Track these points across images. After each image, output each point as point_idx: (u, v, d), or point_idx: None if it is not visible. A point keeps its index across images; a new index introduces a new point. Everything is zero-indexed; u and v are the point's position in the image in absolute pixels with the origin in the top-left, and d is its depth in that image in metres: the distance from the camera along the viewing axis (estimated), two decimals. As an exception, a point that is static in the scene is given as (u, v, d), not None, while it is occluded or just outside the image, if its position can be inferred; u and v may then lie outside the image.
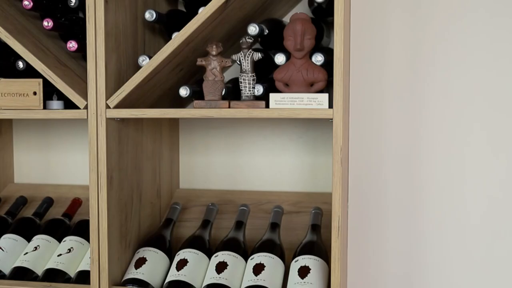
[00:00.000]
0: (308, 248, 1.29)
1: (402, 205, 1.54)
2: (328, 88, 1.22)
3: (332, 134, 1.42)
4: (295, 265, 1.25)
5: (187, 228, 1.51)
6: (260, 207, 1.53)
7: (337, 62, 1.13)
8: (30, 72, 1.37)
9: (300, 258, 1.26)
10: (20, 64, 1.39)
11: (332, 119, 1.13)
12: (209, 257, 1.33)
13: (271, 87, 1.28)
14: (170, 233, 1.43)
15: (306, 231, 1.38)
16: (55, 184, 1.72)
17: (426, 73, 1.51)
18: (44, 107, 1.30)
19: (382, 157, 1.54)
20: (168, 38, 1.39)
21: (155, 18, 1.31)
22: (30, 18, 1.45)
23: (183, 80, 1.41)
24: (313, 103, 1.16)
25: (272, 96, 1.18)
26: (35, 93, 1.27)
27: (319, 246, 1.31)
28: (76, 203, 1.57)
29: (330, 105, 1.15)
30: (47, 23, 1.32)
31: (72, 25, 1.42)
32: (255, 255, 1.29)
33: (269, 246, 1.31)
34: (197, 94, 1.29)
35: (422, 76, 1.51)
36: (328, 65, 1.25)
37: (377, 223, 1.55)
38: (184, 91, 1.26)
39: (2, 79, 1.29)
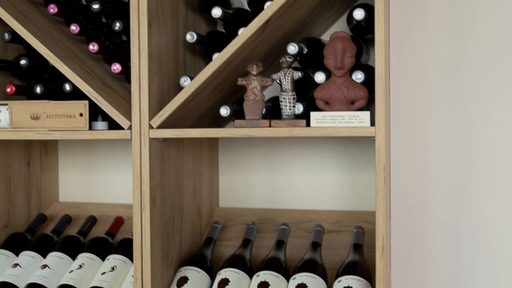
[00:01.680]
0: (351, 268, 1.28)
1: (447, 223, 1.51)
2: (368, 105, 1.22)
3: (372, 152, 1.41)
4: (338, 286, 1.24)
5: (228, 247, 1.51)
6: (300, 226, 1.52)
7: (378, 80, 1.12)
8: (75, 94, 1.41)
9: (343, 278, 1.24)
10: (67, 87, 1.43)
11: (374, 137, 1.12)
12: (250, 277, 1.33)
13: (310, 105, 1.29)
14: (211, 252, 1.44)
15: (348, 251, 1.37)
16: (98, 203, 1.75)
17: (469, 87, 1.48)
18: (90, 128, 1.33)
19: (425, 175, 1.52)
20: (208, 58, 1.42)
21: (196, 40, 1.34)
22: (77, 42, 1.50)
23: (223, 99, 1.42)
24: (354, 121, 1.16)
25: (313, 115, 1.18)
26: (81, 115, 1.31)
27: (362, 266, 1.29)
28: (119, 222, 1.59)
29: (372, 123, 1.14)
30: (93, 47, 1.36)
31: (116, 48, 1.46)
32: (297, 275, 1.28)
33: (311, 266, 1.30)
34: (237, 113, 1.30)
35: (465, 90, 1.49)
36: (368, 82, 1.25)
37: (420, 242, 1.52)
38: (224, 111, 1.28)
39: (51, 102, 1.33)
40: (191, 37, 1.33)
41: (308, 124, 1.19)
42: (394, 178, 1.51)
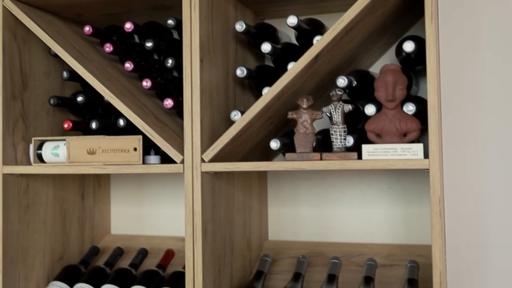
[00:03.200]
0: (406, 304, 1.24)
1: (504, 256, 1.46)
2: (419, 137, 1.21)
3: (424, 184, 1.39)
4: (392, 321, 1.21)
5: (278, 280, 1.50)
6: (352, 259, 1.50)
7: (431, 111, 1.12)
8: (129, 129, 1.45)
9: (397, 314, 1.21)
10: (121, 122, 1.48)
11: (428, 169, 1.11)
12: (302, 311, 1.31)
13: (361, 138, 1.28)
14: (262, 285, 1.43)
15: (401, 286, 1.33)
16: (148, 235, 1.78)
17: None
18: (143, 162, 1.36)
19: (480, 207, 1.48)
20: (258, 92, 1.44)
21: (246, 74, 1.36)
22: (130, 79, 1.55)
23: (272, 132, 1.44)
24: (407, 153, 1.14)
25: (365, 147, 1.18)
26: (135, 149, 1.34)
27: (417, 302, 1.26)
28: (170, 255, 1.61)
29: (425, 155, 1.13)
30: (146, 83, 1.41)
31: (168, 84, 1.51)
32: (350, 310, 1.25)
33: (364, 301, 1.28)
34: (287, 146, 1.31)
35: (518, 122, 1.45)
36: (419, 114, 1.23)
37: (478, 277, 1.47)
38: (275, 144, 1.28)
39: (106, 137, 1.38)
40: (241, 72, 1.36)
41: (359, 157, 1.19)
42: (448, 210, 1.48)
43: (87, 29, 1.48)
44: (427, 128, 1.14)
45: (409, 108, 1.24)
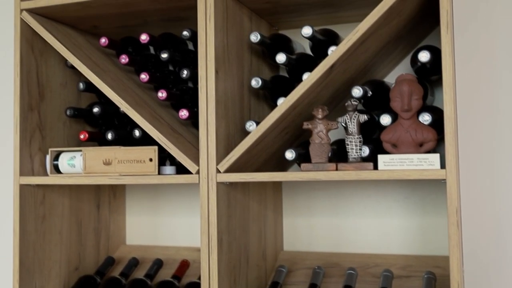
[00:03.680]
0: (423, 315, 1.23)
1: (522, 269, 1.44)
2: (436, 147, 1.20)
3: (440, 194, 1.38)
4: (410, 333, 1.19)
5: (293, 291, 1.50)
6: (368, 270, 1.49)
7: (447, 121, 1.11)
8: (144, 140, 1.46)
9: (415, 325, 1.20)
10: (137, 133, 1.49)
11: (445, 179, 1.10)
12: (318, 323, 1.30)
13: (376, 148, 1.28)
14: (277, 296, 1.43)
15: (418, 297, 1.32)
16: (163, 246, 1.78)
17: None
18: (158, 173, 1.36)
19: (497, 217, 1.46)
20: (272, 103, 1.44)
21: (261, 85, 1.36)
22: (145, 90, 1.56)
23: (288, 143, 1.44)
24: (424, 163, 1.14)
25: (381, 158, 1.17)
26: (151, 160, 1.35)
27: (434, 313, 1.25)
28: (185, 265, 1.61)
29: (442, 165, 1.12)
30: (162, 94, 1.42)
31: (183, 95, 1.51)
32: (367, 322, 1.24)
33: (381, 312, 1.27)
34: (302, 157, 1.31)
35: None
36: (435, 124, 1.23)
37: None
38: (290, 154, 1.28)
39: (122, 148, 1.39)
40: (256, 82, 1.36)
41: (375, 167, 1.18)
42: (465, 221, 1.46)
43: (103, 40, 1.50)
44: (443, 138, 1.13)
45: (425, 118, 1.23)
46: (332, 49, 1.30)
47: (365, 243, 1.57)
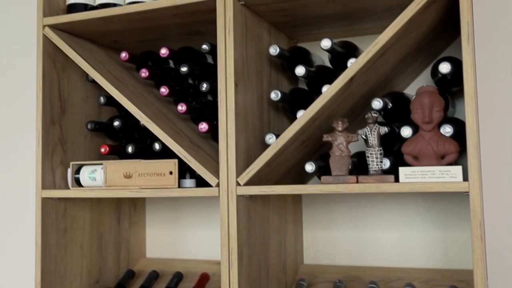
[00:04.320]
0: (446, 331, 1.21)
1: (548, 284, 1.41)
2: (457, 159, 1.18)
3: (463, 207, 1.36)
4: None
5: (314, 305, 1.48)
6: (389, 284, 1.47)
7: (469, 133, 1.10)
8: (164, 153, 1.47)
9: None
10: (156, 146, 1.49)
11: (468, 192, 1.09)
12: (340, 337, 1.29)
13: (397, 160, 1.27)
14: (297, 310, 1.41)
15: (442, 312, 1.30)
16: (183, 259, 1.78)
17: None
18: (178, 186, 1.37)
19: (521, 231, 1.44)
20: (292, 115, 1.44)
21: (280, 98, 1.37)
22: (165, 103, 1.57)
23: (307, 155, 1.43)
24: (445, 176, 1.12)
25: (402, 170, 1.16)
26: (171, 173, 1.35)
27: (458, 329, 1.22)
28: (204, 278, 1.61)
29: (465, 178, 1.10)
30: (181, 107, 1.43)
31: (202, 108, 1.52)
32: (389, 337, 1.23)
33: (403, 327, 1.25)
34: (322, 169, 1.30)
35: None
36: (456, 136, 1.22)
37: (520, 303, 1.42)
38: (309, 167, 1.28)
39: (142, 161, 1.39)
40: (275, 95, 1.37)
41: (396, 180, 1.17)
42: (489, 234, 1.44)
43: (124, 55, 1.52)
44: (465, 150, 1.12)
45: (447, 130, 1.22)
46: (351, 61, 1.30)
47: (386, 257, 1.55)
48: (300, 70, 1.33)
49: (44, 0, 1.50)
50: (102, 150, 1.52)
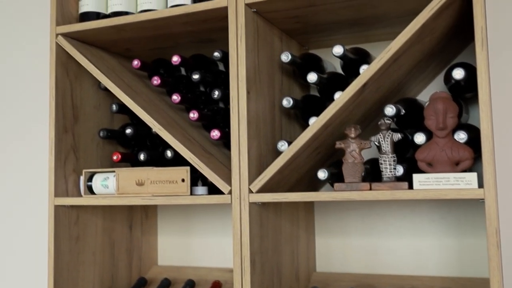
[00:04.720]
0: None
1: None
2: (472, 166, 1.17)
3: (478, 214, 1.34)
4: None
5: (327, 313, 1.47)
6: (403, 292, 1.46)
7: (484, 140, 1.09)
8: (176, 160, 1.47)
9: None
10: (169, 153, 1.49)
11: (483, 199, 1.07)
12: None
13: (410, 167, 1.26)
14: (310, 318, 1.40)
15: (457, 320, 1.28)
16: (195, 267, 1.77)
17: None
18: (190, 193, 1.37)
19: (537, 239, 1.42)
20: (304, 122, 1.44)
21: (292, 105, 1.36)
22: (177, 111, 1.58)
23: (319, 163, 1.42)
24: (460, 183, 1.11)
25: (416, 177, 1.15)
26: (183, 180, 1.35)
27: (474, 338, 1.21)
28: (216, 286, 1.60)
29: (480, 185, 1.09)
30: (193, 115, 1.43)
31: (214, 115, 1.52)
32: None
33: (418, 336, 1.23)
34: (335, 176, 1.30)
35: None
36: (471, 142, 1.20)
37: (537, 312, 1.40)
38: (322, 174, 1.27)
39: (154, 168, 1.39)
40: (287, 102, 1.36)
41: (410, 187, 1.16)
42: (505, 241, 1.42)
43: (136, 63, 1.52)
44: (479, 156, 1.10)
45: (461, 136, 1.21)
46: (363, 68, 1.29)
47: (400, 264, 1.54)
48: (312, 77, 1.33)
49: (57, 9, 1.51)
50: (114, 157, 1.53)
